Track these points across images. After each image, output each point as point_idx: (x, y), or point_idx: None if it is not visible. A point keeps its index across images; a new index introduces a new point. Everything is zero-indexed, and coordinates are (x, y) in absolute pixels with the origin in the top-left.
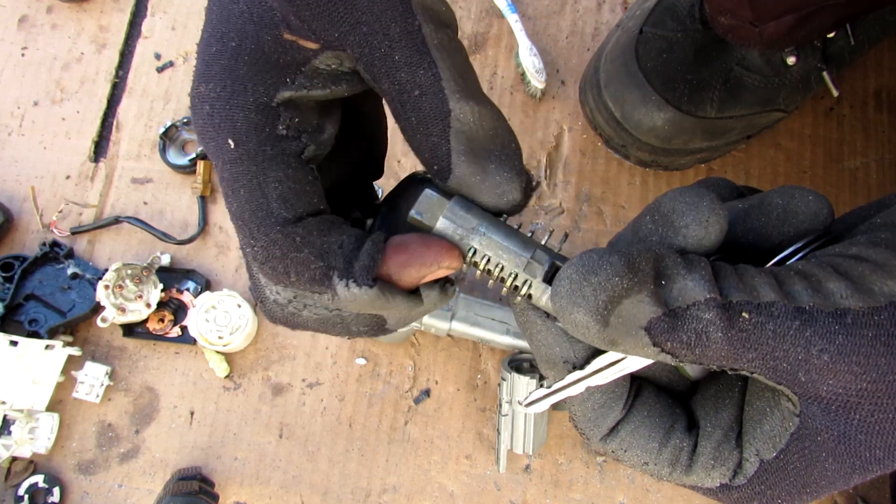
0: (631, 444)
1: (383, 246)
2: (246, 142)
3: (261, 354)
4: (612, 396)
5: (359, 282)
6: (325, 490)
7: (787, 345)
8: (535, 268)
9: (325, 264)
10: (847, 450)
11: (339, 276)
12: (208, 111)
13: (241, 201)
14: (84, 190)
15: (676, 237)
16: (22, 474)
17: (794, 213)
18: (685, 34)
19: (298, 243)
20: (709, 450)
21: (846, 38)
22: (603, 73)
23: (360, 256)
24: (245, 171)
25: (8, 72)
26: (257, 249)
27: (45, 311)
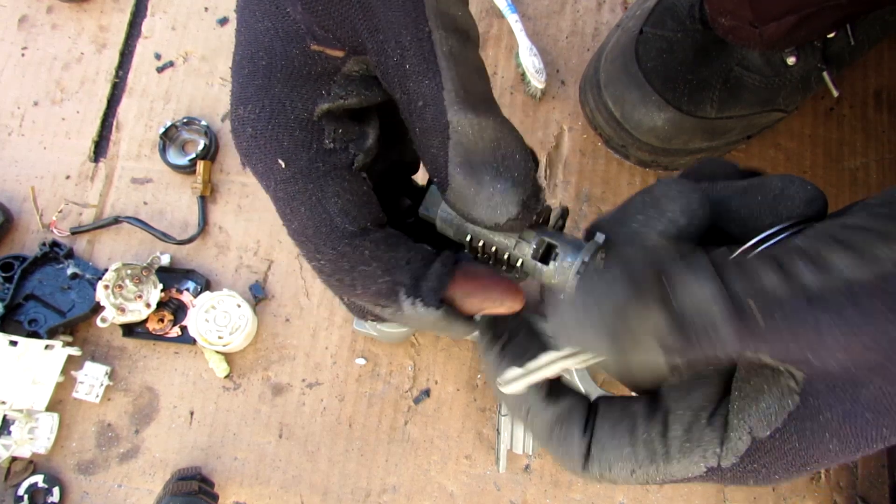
0: (608, 459)
1: (452, 269)
2: (296, 160)
3: (260, 354)
4: (569, 425)
5: (426, 302)
6: (325, 490)
7: (796, 328)
8: (524, 247)
9: (391, 279)
10: (852, 430)
11: (405, 293)
12: (251, 133)
13: (302, 219)
14: (84, 190)
15: (661, 220)
16: (21, 474)
17: (790, 196)
18: (685, 34)
19: (367, 257)
20: (679, 431)
21: (846, 38)
22: (603, 73)
23: (428, 276)
24: (302, 189)
25: (8, 72)
26: (324, 263)
27: (45, 311)
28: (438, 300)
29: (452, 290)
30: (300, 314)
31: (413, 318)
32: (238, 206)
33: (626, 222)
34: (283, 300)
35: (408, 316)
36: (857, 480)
